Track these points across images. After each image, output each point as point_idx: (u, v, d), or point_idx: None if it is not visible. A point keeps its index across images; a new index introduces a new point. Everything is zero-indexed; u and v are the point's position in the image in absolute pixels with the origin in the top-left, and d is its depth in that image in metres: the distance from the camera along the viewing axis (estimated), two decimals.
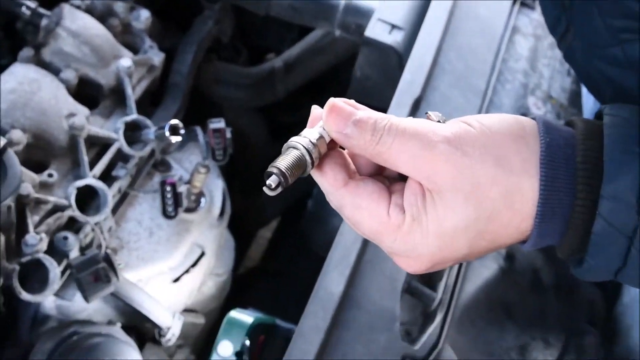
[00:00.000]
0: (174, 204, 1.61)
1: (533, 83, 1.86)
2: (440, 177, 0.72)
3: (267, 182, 0.72)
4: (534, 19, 2.00)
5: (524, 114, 1.27)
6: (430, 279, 1.46)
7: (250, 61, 2.33)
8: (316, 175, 0.77)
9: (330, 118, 0.75)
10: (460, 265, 1.47)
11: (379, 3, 1.87)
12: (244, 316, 1.46)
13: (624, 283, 0.78)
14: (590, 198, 0.71)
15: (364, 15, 1.88)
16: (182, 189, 1.62)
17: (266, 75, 2.14)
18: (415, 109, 1.58)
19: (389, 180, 0.82)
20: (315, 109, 0.80)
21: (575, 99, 1.90)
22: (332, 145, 0.77)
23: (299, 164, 0.74)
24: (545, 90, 1.87)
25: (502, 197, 0.72)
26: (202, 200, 1.75)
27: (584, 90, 1.87)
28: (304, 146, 0.74)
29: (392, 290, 1.35)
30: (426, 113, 0.79)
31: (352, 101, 0.77)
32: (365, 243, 1.35)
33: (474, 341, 1.44)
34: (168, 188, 1.59)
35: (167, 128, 1.57)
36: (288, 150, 0.75)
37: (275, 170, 0.72)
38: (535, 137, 0.74)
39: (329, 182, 0.77)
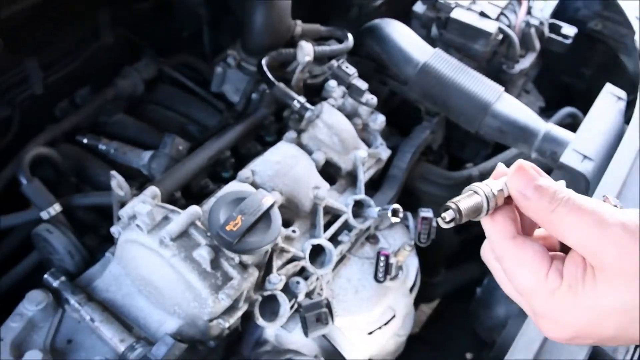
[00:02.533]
0: (384, 272, 1.63)
1: None
2: (607, 257, 0.63)
3: (442, 214, 0.67)
4: None
5: None
6: None
7: (449, 166, 2.35)
8: (488, 223, 0.70)
9: (515, 176, 0.68)
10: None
11: (574, 135, 1.83)
12: None
13: None
14: None
15: (560, 144, 1.85)
16: (392, 260, 1.64)
17: (464, 180, 2.15)
18: None
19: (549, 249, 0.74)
20: (500, 165, 0.73)
21: None
22: (508, 201, 0.70)
23: (476, 208, 0.68)
24: None
25: None
26: (401, 272, 1.76)
27: None
28: (484, 193, 0.68)
29: None
30: (604, 196, 0.71)
31: (538, 168, 0.70)
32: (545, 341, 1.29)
33: None
34: (382, 258, 1.62)
35: (389, 210, 1.61)
36: (469, 192, 0.69)
37: (453, 206, 0.67)
38: None
39: (499, 230, 0.70)
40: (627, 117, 1.93)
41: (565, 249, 0.72)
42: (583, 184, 1.72)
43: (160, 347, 1.36)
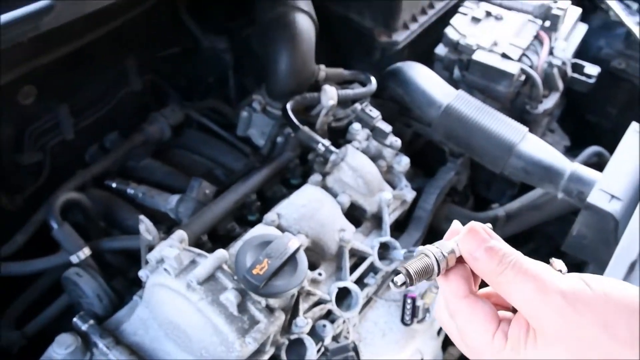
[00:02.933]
0: (411, 314, 1.62)
1: None
2: (547, 323, 0.65)
3: (394, 279, 0.68)
4: None
5: None
6: None
7: (475, 207, 2.34)
8: (442, 281, 0.72)
9: (466, 238, 0.70)
10: None
11: (601, 175, 1.82)
12: None
13: None
14: None
15: (587, 183, 1.84)
16: (419, 303, 1.63)
17: (490, 220, 2.13)
18: (631, 271, 1.49)
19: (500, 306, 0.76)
20: (455, 223, 0.75)
21: None
22: (461, 260, 0.72)
23: (427, 270, 0.69)
24: None
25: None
26: (428, 315, 1.74)
27: None
28: (435, 256, 0.69)
29: None
30: (550, 260, 0.72)
31: (489, 229, 0.72)
32: None
33: None
34: (409, 300, 1.61)
35: (415, 252, 1.60)
36: (420, 255, 0.70)
37: (403, 271, 0.68)
38: None
39: (452, 289, 0.71)
40: None
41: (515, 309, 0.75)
42: (612, 224, 1.70)
43: None
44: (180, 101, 2.19)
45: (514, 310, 0.74)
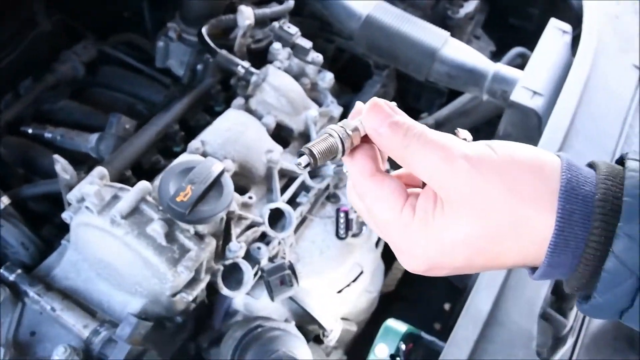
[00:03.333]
0: (346, 228, 1.62)
1: None
2: (454, 190, 0.64)
3: (298, 160, 0.66)
4: None
5: None
6: (562, 307, 1.38)
7: None
8: (347, 162, 0.70)
9: (370, 114, 0.68)
10: None
11: (522, 73, 1.83)
12: (399, 325, 1.43)
13: (628, 325, 0.66)
14: (605, 235, 0.61)
15: (509, 82, 1.85)
16: (352, 216, 1.63)
17: None
18: None
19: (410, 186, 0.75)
20: (358, 104, 0.72)
21: None
22: (366, 139, 0.70)
23: (331, 150, 0.67)
24: None
25: (508, 223, 0.64)
26: (364, 228, 1.75)
27: None
28: (339, 135, 0.67)
29: (530, 314, 1.30)
30: (455, 130, 0.71)
31: (394, 105, 0.70)
32: (510, 271, 1.30)
33: None
34: (342, 214, 1.61)
35: (344, 166, 1.59)
36: (324, 136, 0.68)
37: (306, 151, 0.66)
38: (554, 173, 0.64)
39: (358, 169, 0.70)
40: (574, 51, 1.93)
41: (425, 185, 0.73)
42: (535, 120, 1.72)
43: (124, 328, 1.34)
44: (94, 39, 2.08)
45: (424, 187, 0.73)
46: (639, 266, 0.60)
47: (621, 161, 0.67)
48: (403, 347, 1.36)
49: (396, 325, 1.42)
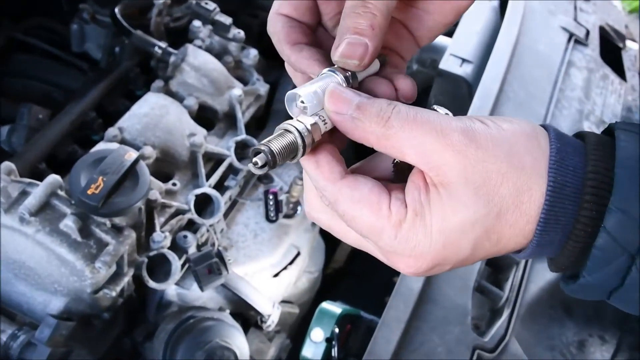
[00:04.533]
0: (275, 210, 1.56)
1: (587, 109, 1.74)
2: (451, 169, 0.57)
3: (254, 159, 0.57)
4: (587, 54, 1.88)
5: None
6: (498, 279, 1.36)
7: None
8: (311, 167, 0.61)
9: (331, 101, 0.59)
10: (525, 267, 1.37)
11: (450, 40, 1.78)
12: (334, 307, 1.39)
13: (616, 305, 0.61)
14: (597, 209, 0.56)
15: (438, 51, 1.81)
16: (282, 197, 1.57)
17: None
18: None
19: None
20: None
21: None
22: (325, 139, 0.61)
23: (291, 147, 0.58)
24: (598, 115, 1.74)
25: (511, 194, 0.57)
26: (299, 208, 1.69)
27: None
28: (298, 130, 0.58)
29: (464, 288, 1.26)
30: (432, 107, 0.63)
31: (351, 89, 0.61)
32: None
33: (537, 336, 1.33)
34: (271, 196, 1.55)
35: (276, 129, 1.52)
36: (280, 131, 0.59)
37: (264, 149, 0.57)
38: (547, 140, 0.59)
39: (325, 175, 0.60)
40: (502, 15, 1.89)
41: (399, 177, 0.65)
42: (465, 88, 1.68)
43: (43, 330, 1.27)
44: (6, 24, 1.95)
45: (397, 180, 0.65)
46: (632, 244, 0.55)
47: (609, 132, 0.61)
48: (337, 330, 1.31)
49: (331, 308, 1.37)
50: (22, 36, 1.93)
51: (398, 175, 0.66)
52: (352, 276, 2.48)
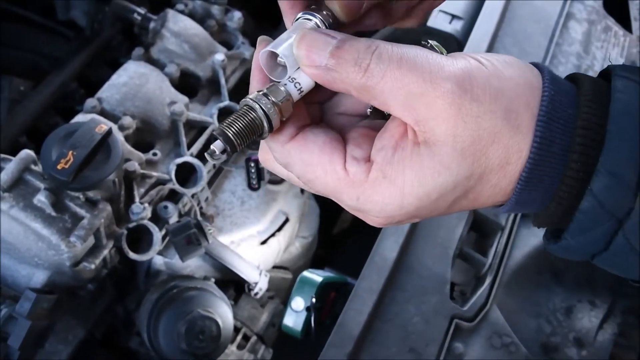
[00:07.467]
0: (257, 178, 1.53)
1: (586, 65, 1.66)
2: (439, 124, 0.50)
3: (211, 147, 0.51)
4: (588, 5, 1.78)
5: None
6: (482, 245, 1.31)
7: None
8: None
9: (301, 49, 0.52)
10: (511, 232, 1.32)
11: None
12: (315, 275, 1.36)
13: (601, 267, 0.56)
14: (584, 170, 0.51)
15: None
16: None
17: None
18: None
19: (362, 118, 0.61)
20: (255, 61, 0.58)
21: None
22: (300, 103, 0.55)
23: (253, 128, 0.52)
24: (597, 71, 1.66)
25: (499, 156, 0.52)
26: None
27: None
28: (261, 107, 0.52)
29: (443, 256, 1.23)
30: (424, 42, 0.56)
31: (332, 31, 0.54)
32: None
33: (522, 303, 1.30)
34: (252, 164, 1.52)
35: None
36: (243, 109, 0.52)
37: (220, 135, 0.51)
38: (540, 91, 0.53)
39: (273, 137, 0.56)
40: None
41: (377, 113, 0.60)
42: (455, 46, 1.61)
43: (23, 304, 1.27)
44: None
45: (375, 116, 0.59)
46: (620, 208, 0.50)
47: (607, 76, 0.55)
48: (314, 300, 1.29)
49: (311, 277, 1.35)
50: (7, 4, 1.90)
51: (376, 111, 0.60)
52: (359, 234, 2.46)
